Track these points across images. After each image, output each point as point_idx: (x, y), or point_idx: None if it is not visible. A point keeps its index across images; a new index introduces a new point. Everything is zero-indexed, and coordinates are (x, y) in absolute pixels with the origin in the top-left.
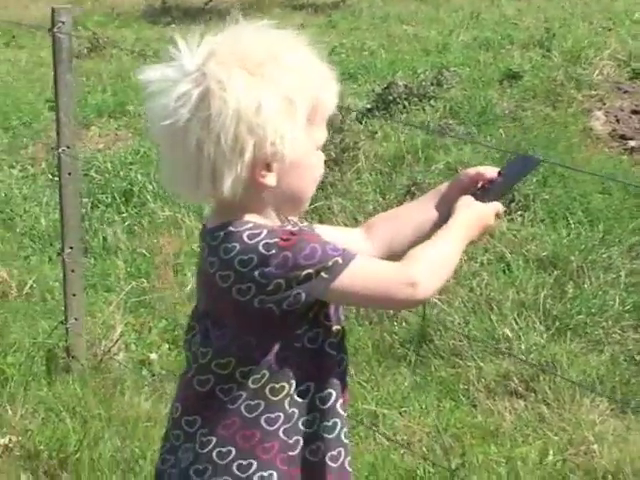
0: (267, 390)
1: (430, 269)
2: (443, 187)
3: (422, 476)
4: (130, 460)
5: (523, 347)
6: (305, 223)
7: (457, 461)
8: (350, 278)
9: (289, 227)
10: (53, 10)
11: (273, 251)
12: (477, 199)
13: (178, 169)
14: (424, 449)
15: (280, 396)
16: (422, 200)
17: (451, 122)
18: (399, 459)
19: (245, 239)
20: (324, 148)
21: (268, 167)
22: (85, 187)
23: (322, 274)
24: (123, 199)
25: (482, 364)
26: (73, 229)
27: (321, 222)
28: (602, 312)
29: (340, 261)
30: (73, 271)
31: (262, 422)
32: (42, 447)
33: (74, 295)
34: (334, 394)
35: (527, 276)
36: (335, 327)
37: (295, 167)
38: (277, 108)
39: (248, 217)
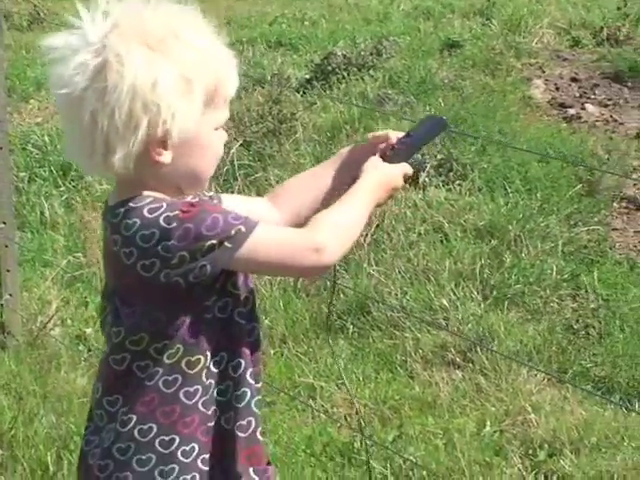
0: (183, 364)
1: (335, 234)
2: (346, 150)
3: (359, 449)
4: (66, 437)
5: (460, 317)
6: (211, 193)
7: (394, 433)
8: (254, 246)
9: (189, 199)
10: None
11: (174, 224)
12: (385, 160)
13: (74, 139)
14: (361, 421)
15: (197, 369)
16: (325, 165)
17: (390, 92)
18: (336, 432)
19: (145, 214)
20: (262, 119)
21: (164, 145)
22: (22, 161)
23: (225, 244)
24: (60, 173)
25: (419, 335)
26: (6, 204)
27: (259, 194)
28: (540, 281)
29: (243, 229)
30: (7, 246)
31: (181, 396)
32: None
33: (8, 271)
34: (243, 363)
35: (464, 246)
36: (244, 295)
37: (192, 146)
38: (173, 86)
39: (148, 193)
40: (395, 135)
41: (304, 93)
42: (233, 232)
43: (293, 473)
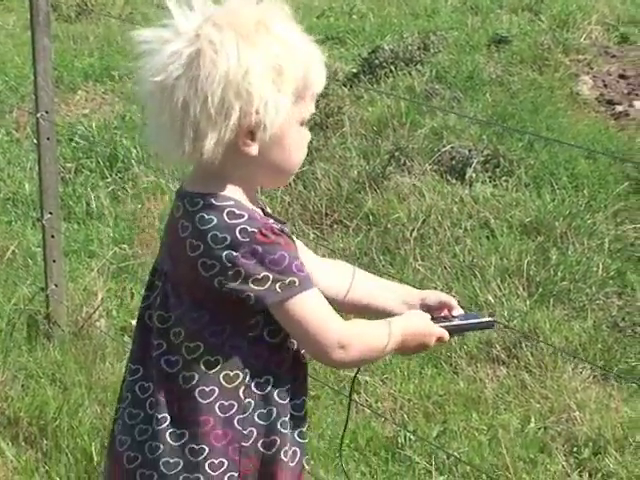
0: (221, 377)
1: (363, 346)
2: (411, 292)
3: (403, 443)
4: (110, 427)
5: (506, 314)
6: (287, 224)
7: (438, 428)
8: (298, 305)
9: (272, 222)
10: None
11: (247, 239)
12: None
13: (162, 127)
14: (405, 417)
15: (234, 384)
16: (388, 287)
17: (437, 87)
18: (380, 427)
19: (224, 216)
20: None
21: (252, 136)
22: (69, 152)
23: (277, 287)
24: (107, 164)
25: None
26: (52, 195)
27: (305, 187)
28: (586, 278)
29: (297, 283)
30: (53, 237)
31: (216, 409)
32: (22, 414)
33: (54, 261)
34: (290, 391)
35: (511, 242)
36: None
37: (279, 140)
38: (265, 76)
39: (230, 191)
40: (457, 307)
41: (351, 87)
42: (287, 281)
43: (337, 467)
